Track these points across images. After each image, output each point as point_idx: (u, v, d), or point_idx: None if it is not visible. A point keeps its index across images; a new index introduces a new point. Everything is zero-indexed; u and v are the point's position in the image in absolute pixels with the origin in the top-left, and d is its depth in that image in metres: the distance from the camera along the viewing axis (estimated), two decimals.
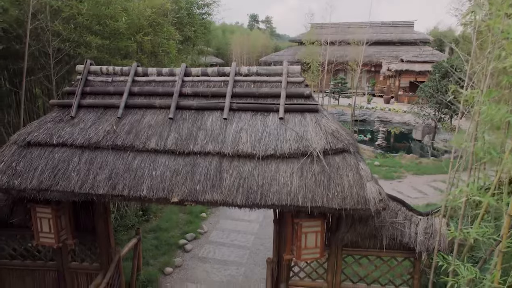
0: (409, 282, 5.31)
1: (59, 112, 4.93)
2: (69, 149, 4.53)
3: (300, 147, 4.18)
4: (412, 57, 26.29)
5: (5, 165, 4.49)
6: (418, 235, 4.77)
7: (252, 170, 4.15)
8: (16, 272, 5.91)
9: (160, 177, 4.19)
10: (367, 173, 4.09)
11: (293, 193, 3.97)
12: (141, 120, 4.65)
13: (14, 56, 7.35)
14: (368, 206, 3.88)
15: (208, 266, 7.75)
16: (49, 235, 4.89)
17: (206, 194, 4.05)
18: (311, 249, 4.49)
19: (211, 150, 4.27)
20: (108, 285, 5.33)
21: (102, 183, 4.25)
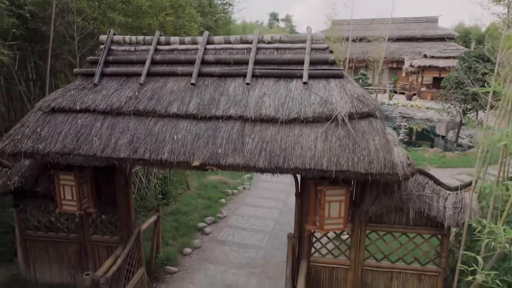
0: (436, 261, 5.09)
1: (83, 80, 4.97)
2: (91, 114, 4.55)
3: (325, 111, 4.06)
4: (436, 52, 25.63)
5: (30, 130, 4.55)
6: (447, 209, 4.56)
7: (275, 134, 4.05)
8: (41, 243, 6.00)
9: (181, 141, 4.15)
10: (394, 138, 3.94)
11: (317, 157, 3.85)
12: (163, 87, 4.63)
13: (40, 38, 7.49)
14: (396, 170, 3.73)
15: (227, 248, 7.70)
16: (71, 202, 4.92)
17: (227, 157, 3.97)
18: (335, 219, 4.35)
19: (233, 114, 4.20)
20: (128, 256, 5.32)
21: (124, 147, 4.24)
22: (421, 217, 4.87)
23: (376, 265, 5.17)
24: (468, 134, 18.25)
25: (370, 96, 4.27)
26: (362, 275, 5.18)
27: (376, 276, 5.19)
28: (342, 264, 5.19)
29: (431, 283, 5.09)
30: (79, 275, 6.04)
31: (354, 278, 5.20)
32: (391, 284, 5.19)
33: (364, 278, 5.20)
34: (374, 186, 4.73)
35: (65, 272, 6.10)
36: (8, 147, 4.50)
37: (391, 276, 5.15)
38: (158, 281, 6.49)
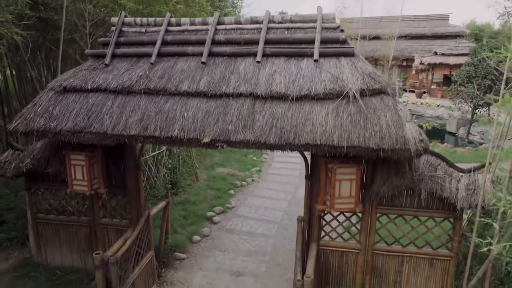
0: (448, 246, 5.01)
1: (94, 61, 5.01)
2: (102, 94, 4.59)
3: (336, 87, 4.03)
4: (446, 50, 25.33)
5: (42, 109, 4.60)
6: (460, 191, 4.49)
7: (286, 111, 4.04)
8: (52, 227, 6.06)
9: (191, 118, 4.15)
10: (406, 114, 3.88)
11: (328, 133, 3.83)
12: (174, 66, 4.64)
13: (52, 26, 7.58)
14: (408, 146, 3.68)
15: (235, 237, 7.68)
16: (82, 182, 4.96)
17: (238, 134, 3.96)
18: (345, 198, 4.31)
19: (243, 91, 4.19)
20: (137, 238, 5.34)
21: (134, 124, 4.26)
22: (433, 199, 4.81)
23: (387, 249, 5.11)
24: (479, 131, 17.99)
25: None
26: (372, 259, 5.13)
27: (387, 260, 5.13)
28: (352, 248, 5.14)
29: (442, 268, 5.01)
30: (89, 258, 6.08)
31: (364, 262, 5.15)
32: (401, 268, 5.12)
33: (375, 263, 5.14)
34: (385, 167, 4.68)
35: (76, 255, 6.15)
36: (21, 126, 4.55)
37: (402, 261, 5.09)
38: (166, 267, 6.51)
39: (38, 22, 7.51)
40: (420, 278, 5.10)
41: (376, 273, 5.19)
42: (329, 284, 5.36)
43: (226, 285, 6.04)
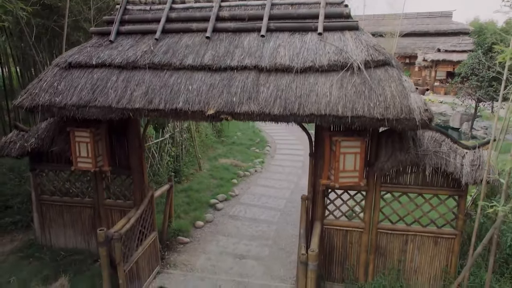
0: (453, 224, 4.99)
1: (99, 39, 5.03)
2: (107, 69, 4.60)
3: (340, 59, 4.03)
4: (450, 46, 25.27)
5: (47, 84, 4.62)
6: (465, 166, 4.47)
7: (290, 83, 4.04)
8: (56, 208, 6.08)
9: (196, 91, 4.16)
10: (411, 85, 3.88)
11: (332, 103, 3.82)
12: (178, 42, 4.66)
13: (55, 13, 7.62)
14: (413, 115, 3.67)
15: (239, 223, 7.69)
16: (87, 159, 4.97)
17: (242, 105, 3.97)
18: (350, 172, 4.30)
19: (248, 64, 4.20)
20: (141, 218, 5.34)
21: (139, 98, 4.27)
22: (438, 176, 4.79)
23: (391, 228, 5.09)
24: (482, 126, 17.93)
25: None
26: (377, 238, 5.11)
27: (391, 239, 5.11)
28: (356, 226, 5.13)
29: (447, 246, 4.99)
30: (92, 240, 6.10)
31: (368, 241, 5.13)
32: (406, 247, 5.10)
33: (379, 242, 5.13)
34: (390, 143, 4.68)
35: (79, 237, 6.17)
36: (26, 101, 4.57)
37: (406, 239, 5.07)
38: (170, 250, 6.52)
39: (42, 9, 7.56)
40: (425, 257, 5.07)
41: (380, 252, 5.17)
42: (333, 264, 5.35)
43: (230, 267, 6.04)
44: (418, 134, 4.68)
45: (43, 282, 5.35)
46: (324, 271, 5.35)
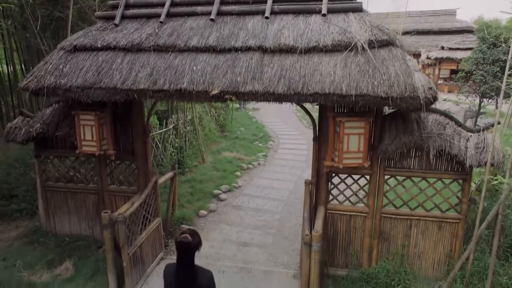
0: (457, 208, 4.98)
1: (104, 23, 5.06)
2: (112, 51, 4.63)
3: (344, 39, 4.04)
4: (454, 44, 25.19)
5: (53, 67, 4.65)
6: (469, 149, 4.46)
7: (294, 62, 4.05)
8: (60, 194, 6.11)
9: (200, 71, 4.17)
10: (415, 65, 3.88)
11: (336, 82, 3.83)
12: (183, 25, 4.68)
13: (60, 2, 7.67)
14: (417, 93, 3.67)
15: (242, 212, 7.70)
16: (91, 143, 4.99)
17: (246, 85, 3.98)
18: (354, 153, 4.30)
19: (252, 45, 4.21)
20: (145, 202, 5.36)
21: (144, 79, 4.29)
22: (442, 160, 4.78)
23: (395, 213, 5.08)
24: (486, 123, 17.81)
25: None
26: (380, 223, 5.10)
27: (395, 224, 5.10)
28: (360, 211, 5.12)
29: (451, 231, 4.98)
30: (96, 226, 6.13)
31: (372, 226, 5.12)
32: (410, 232, 5.09)
33: (382, 226, 5.12)
34: (393, 125, 4.68)
35: (84, 223, 6.20)
36: (32, 83, 4.60)
37: (410, 224, 5.06)
38: (173, 237, 6.52)
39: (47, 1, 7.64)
40: (429, 242, 5.06)
41: (384, 237, 5.16)
42: (336, 249, 5.34)
43: (233, 254, 6.05)
44: (422, 117, 4.68)
45: (48, 266, 5.39)
46: (327, 256, 5.35)
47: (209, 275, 2.95)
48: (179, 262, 2.90)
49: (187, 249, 2.82)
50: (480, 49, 13.12)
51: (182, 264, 2.88)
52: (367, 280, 5.01)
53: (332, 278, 5.27)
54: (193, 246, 2.84)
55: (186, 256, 2.85)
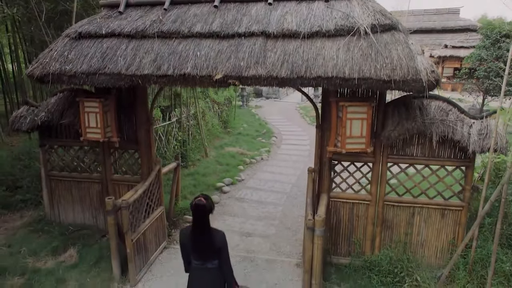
0: (460, 196, 4.98)
1: (108, 11, 5.11)
2: (117, 38, 4.67)
3: (346, 24, 4.06)
4: (457, 42, 25.15)
5: (58, 54, 4.70)
6: (472, 135, 4.46)
7: (297, 47, 4.07)
8: (64, 184, 6.16)
9: (204, 56, 4.20)
10: (417, 48, 3.89)
11: (339, 66, 3.85)
12: (187, 12, 4.72)
13: None
14: (419, 76, 3.68)
15: (245, 204, 7.72)
16: (96, 130, 5.03)
17: (250, 69, 4.00)
18: (356, 138, 4.30)
19: (255, 30, 4.24)
20: (148, 190, 5.39)
21: (148, 65, 4.32)
22: (445, 147, 4.79)
23: (398, 200, 5.08)
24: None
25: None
26: (383, 211, 5.11)
27: (398, 212, 5.10)
28: (362, 199, 5.13)
29: (454, 218, 4.98)
30: (100, 216, 6.17)
31: (375, 214, 5.13)
32: (412, 220, 5.09)
33: (385, 214, 5.12)
34: (396, 112, 4.69)
35: (87, 213, 6.24)
36: (37, 70, 4.65)
37: (413, 212, 5.06)
38: (176, 228, 6.56)
39: None
40: (432, 230, 5.06)
41: (387, 225, 5.17)
42: (339, 237, 5.35)
43: (236, 244, 6.07)
44: (424, 104, 4.68)
45: (52, 253, 5.43)
46: (330, 245, 5.36)
47: (222, 234, 3.30)
48: (194, 224, 3.19)
49: (202, 211, 3.12)
50: (483, 45, 13.08)
51: (198, 225, 3.18)
52: (370, 268, 5.01)
53: (335, 267, 5.28)
54: (207, 208, 3.15)
55: (201, 218, 3.15)
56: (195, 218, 3.18)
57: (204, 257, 3.30)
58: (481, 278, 4.63)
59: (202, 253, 3.29)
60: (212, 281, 3.33)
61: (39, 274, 4.95)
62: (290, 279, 5.14)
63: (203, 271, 3.33)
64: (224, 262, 3.34)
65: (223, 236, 3.30)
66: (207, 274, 3.32)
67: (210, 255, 3.28)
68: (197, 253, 3.30)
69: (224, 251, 3.30)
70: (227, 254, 3.34)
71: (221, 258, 3.30)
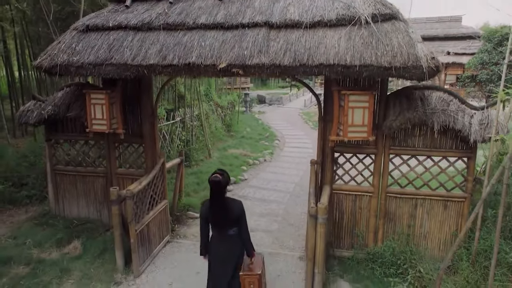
0: (462, 188, 4.99)
1: (115, 5, 5.25)
2: (123, 30, 4.79)
3: (348, 13, 4.16)
4: (459, 49, 25.23)
5: (66, 46, 4.81)
6: (473, 125, 4.50)
7: (300, 37, 4.16)
8: (69, 178, 6.23)
9: (208, 46, 4.30)
10: (417, 36, 3.96)
11: (340, 54, 3.92)
12: (192, 5, 4.85)
13: None
14: (420, 63, 3.74)
15: (248, 202, 7.73)
16: (101, 121, 5.11)
17: (253, 58, 4.08)
18: (358, 127, 4.35)
19: (259, 21, 4.34)
20: (152, 182, 5.44)
21: (154, 55, 4.42)
22: (446, 138, 4.82)
23: (400, 192, 5.10)
24: None
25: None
26: (386, 203, 5.12)
27: (400, 204, 5.12)
28: (365, 191, 5.15)
29: (456, 210, 4.99)
30: (104, 210, 6.22)
31: (378, 205, 5.14)
32: (415, 212, 5.10)
33: (388, 206, 5.14)
34: (398, 103, 4.75)
35: (92, 207, 6.29)
36: (45, 62, 4.76)
37: (415, 204, 5.07)
38: (179, 223, 6.60)
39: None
40: (434, 222, 5.07)
41: (389, 217, 5.18)
42: (342, 230, 5.37)
43: None
44: (425, 94, 4.74)
45: (56, 245, 5.47)
46: (333, 238, 5.38)
47: (240, 203, 3.64)
48: (212, 198, 3.49)
49: (218, 186, 3.44)
50: (486, 49, 13.17)
51: (216, 198, 3.48)
52: (373, 260, 5.01)
53: (338, 259, 5.28)
54: (223, 183, 3.48)
55: (218, 191, 3.46)
56: (212, 193, 3.47)
57: (224, 226, 3.59)
58: (484, 269, 4.61)
59: (222, 223, 3.58)
60: (232, 246, 3.67)
61: (44, 264, 4.99)
62: (293, 271, 5.15)
63: (224, 238, 3.64)
64: (243, 230, 3.65)
65: (241, 204, 3.62)
66: (228, 240, 3.64)
67: (229, 224, 3.58)
68: (217, 223, 3.60)
69: (242, 219, 3.62)
70: (245, 222, 3.66)
71: (240, 225, 3.62)
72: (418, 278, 4.70)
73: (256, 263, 3.94)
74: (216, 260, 3.75)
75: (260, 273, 3.87)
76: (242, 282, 3.79)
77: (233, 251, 3.71)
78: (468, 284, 4.44)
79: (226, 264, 3.71)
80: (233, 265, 3.73)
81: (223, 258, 3.71)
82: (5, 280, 4.64)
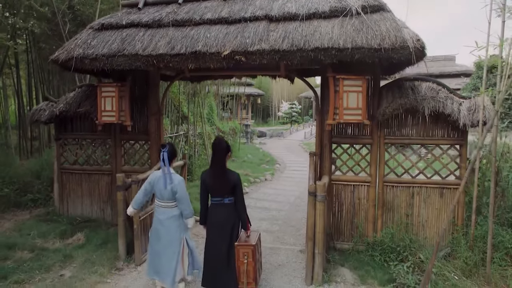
0: (456, 174, 5.15)
1: (128, 9, 5.74)
2: (135, 28, 5.22)
3: (340, 6, 4.58)
4: (454, 85, 26.03)
5: (82, 41, 5.22)
6: (462, 110, 4.77)
7: (297, 27, 4.55)
8: (75, 176, 6.41)
9: (213, 37, 4.69)
10: (404, 23, 4.35)
11: (334, 39, 4.28)
12: (199, 6, 5.32)
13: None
14: (407, 44, 4.08)
15: (249, 210, 7.65)
16: (110, 113, 5.40)
17: (254, 45, 4.45)
18: (353, 110, 4.62)
19: (259, 15, 4.77)
20: None
21: (163, 46, 4.80)
22: (438, 127, 5.07)
23: (397, 181, 5.26)
24: None
25: None
26: (383, 192, 5.27)
27: (398, 193, 5.26)
28: (363, 181, 5.31)
29: (452, 197, 5.11)
30: (107, 209, 6.34)
31: (376, 195, 5.27)
32: (412, 201, 5.23)
33: (386, 196, 5.27)
34: (390, 93, 5.05)
35: (95, 206, 6.42)
36: (62, 55, 5.15)
37: (412, 192, 5.21)
38: None
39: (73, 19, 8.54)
40: (432, 210, 5.18)
41: (387, 207, 5.29)
42: (342, 222, 5.46)
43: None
44: (416, 84, 5.06)
45: (60, 236, 5.55)
46: (333, 230, 5.45)
47: (237, 174, 3.97)
48: (213, 161, 3.89)
49: (220, 148, 3.86)
50: (477, 75, 13.72)
51: (216, 162, 3.86)
52: (373, 248, 5.06)
53: (339, 251, 5.32)
54: (223, 144, 3.91)
55: (219, 155, 3.86)
56: (213, 156, 3.87)
57: (221, 193, 3.89)
58: (483, 254, 4.66)
59: (219, 190, 3.88)
60: (228, 214, 3.92)
61: (47, 251, 5.05)
62: (294, 261, 5.20)
63: (221, 206, 3.92)
64: (238, 200, 3.93)
65: (237, 175, 3.94)
66: (224, 208, 3.92)
67: (226, 192, 3.87)
68: (215, 189, 3.91)
69: (238, 189, 3.90)
70: (241, 193, 3.95)
71: (236, 195, 3.91)
72: (418, 264, 4.73)
73: (252, 238, 4.10)
74: (213, 226, 3.98)
75: (254, 244, 3.96)
76: (237, 253, 3.93)
77: (229, 219, 3.93)
78: (467, 265, 4.48)
79: (222, 230, 3.92)
80: (228, 233, 3.92)
81: (219, 224, 3.92)
82: (9, 262, 4.69)
